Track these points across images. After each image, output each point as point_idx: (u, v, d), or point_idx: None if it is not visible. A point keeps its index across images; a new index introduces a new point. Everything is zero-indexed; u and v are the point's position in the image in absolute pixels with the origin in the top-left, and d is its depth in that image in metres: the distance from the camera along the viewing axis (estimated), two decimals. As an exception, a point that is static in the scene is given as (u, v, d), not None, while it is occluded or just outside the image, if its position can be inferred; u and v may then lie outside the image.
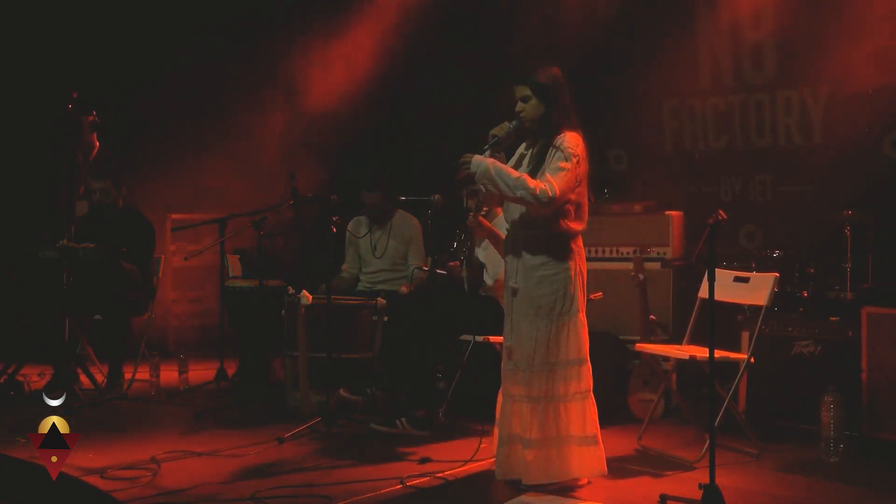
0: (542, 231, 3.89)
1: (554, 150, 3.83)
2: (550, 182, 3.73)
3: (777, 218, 6.40)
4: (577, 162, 3.80)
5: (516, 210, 3.95)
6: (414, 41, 7.96)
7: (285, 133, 8.07)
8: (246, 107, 7.89)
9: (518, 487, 3.89)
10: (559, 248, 3.89)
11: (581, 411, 3.85)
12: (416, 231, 6.05)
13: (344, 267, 6.21)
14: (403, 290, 5.80)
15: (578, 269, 3.92)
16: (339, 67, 8.40)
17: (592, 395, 3.89)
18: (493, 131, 3.92)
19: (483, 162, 3.81)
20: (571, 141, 3.82)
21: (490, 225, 4.75)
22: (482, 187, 3.98)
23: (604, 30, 7.35)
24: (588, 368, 3.89)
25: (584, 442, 3.84)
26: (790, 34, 6.46)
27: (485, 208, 5.19)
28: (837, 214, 5.27)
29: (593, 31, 7.37)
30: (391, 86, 8.38)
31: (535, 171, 3.85)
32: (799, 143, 6.48)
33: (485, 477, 4.09)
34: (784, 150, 6.52)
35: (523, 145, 4.08)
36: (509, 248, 4.03)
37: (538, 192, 3.73)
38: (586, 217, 3.96)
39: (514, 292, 3.95)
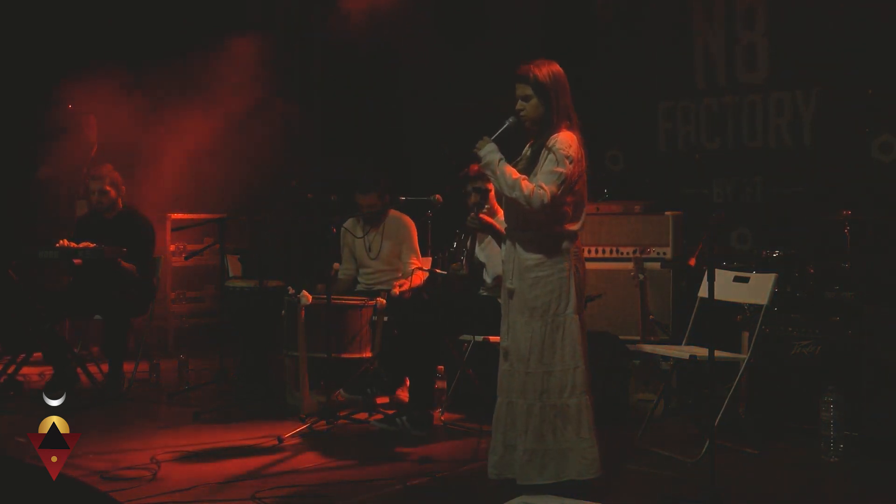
0: (537, 232, 3.88)
1: (547, 153, 3.81)
2: (544, 188, 3.73)
3: (768, 220, 6.43)
4: (571, 163, 3.79)
5: (514, 211, 3.94)
6: (413, 41, 7.96)
7: (285, 133, 8.07)
8: (246, 106, 7.89)
9: (513, 487, 3.88)
10: (555, 248, 3.87)
11: (577, 412, 3.84)
12: (409, 230, 6.04)
13: (341, 269, 6.20)
14: (395, 291, 5.78)
15: (575, 269, 3.90)
16: (338, 67, 8.41)
17: (588, 395, 3.88)
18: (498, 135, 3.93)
19: (494, 153, 3.82)
20: (564, 142, 3.81)
21: (492, 221, 4.75)
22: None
23: (600, 31, 7.38)
24: (584, 370, 3.87)
25: (579, 443, 3.82)
26: (783, 35, 6.50)
27: (486, 206, 5.21)
28: (837, 215, 5.28)
29: (590, 31, 7.41)
30: (391, 86, 8.39)
31: (527, 172, 3.84)
32: (789, 144, 6.51)
33: (484, 477, 4.07)
34: (775, 152, 6.55)
35: (528, 144, 4.07)
36: (506, 248, 4.02)
37: (532, 197, 3.73)
38: (583, 217, 3.96)
39: (511, 293, 3.94)
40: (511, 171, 3.80)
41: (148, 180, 7.39)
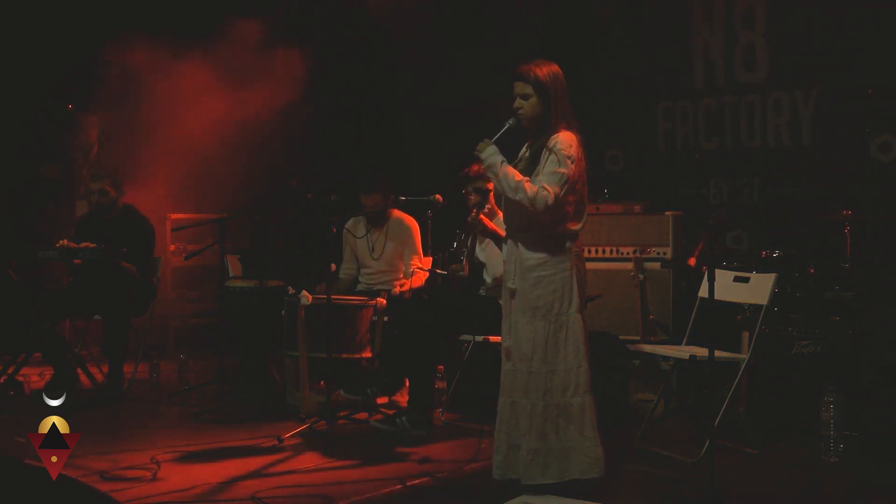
0: (539, 232, 3.88)
1: (548, 153, 3.81)
2: (547, 189, 3.73)
3: (767, 220, 6.43)
4: (572, 163, 3.79)
5: (516, 212, 3.94)
6: (413, 41, 7.96)
7: (285, 133, 8.07)
8: (246, 106, 7.89)
9: (516, 487, 3.88)
10: (556, 248, 3.88)
11: (580, 412, 3.84)
12: (412, 231, 6.04)
13: (342, 268, 6.20)
14: (395, 290, 5.79)
15: (576, 268, 3.91)
16: (338, 67, 8.40)
17: (591, 395, 3.89)
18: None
19: (496, 155, 3.82)
20: (564, 142, 3.81)
21: (492, 224, 4.75)
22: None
23: (600, 31, 7.39)
24: (586, 369, 3.88)
25: (582, 442, 3.83)
26: (783, 36, 6.50)
27: (487, 207, 5.21)
28: (836, 215, 5.28)
29: (590, 31, 7.41)
30: (391, 86, 8.39)
31: (528, 172, 3.84)
32: (788, 145, 6.51)
33: (484, 477, 4.08)
34: (774, 152, 6.56)
35: (526, 145, 4.07)
36: (508, 248, 4.02)
37: (536, 199, 3.73)
38: (584, 216, 3.96)
39: (512, 293, 3.94)
40: (514, 174, 3.80)
41: (148, 180, 7.39)
